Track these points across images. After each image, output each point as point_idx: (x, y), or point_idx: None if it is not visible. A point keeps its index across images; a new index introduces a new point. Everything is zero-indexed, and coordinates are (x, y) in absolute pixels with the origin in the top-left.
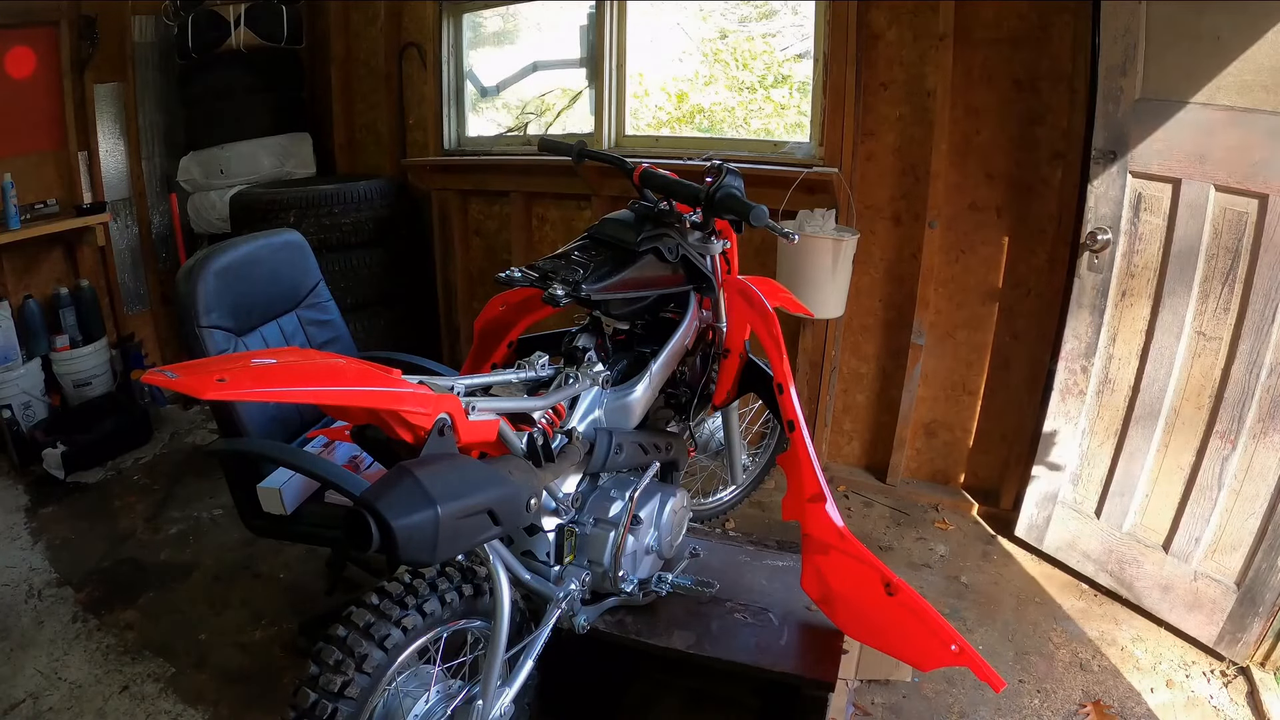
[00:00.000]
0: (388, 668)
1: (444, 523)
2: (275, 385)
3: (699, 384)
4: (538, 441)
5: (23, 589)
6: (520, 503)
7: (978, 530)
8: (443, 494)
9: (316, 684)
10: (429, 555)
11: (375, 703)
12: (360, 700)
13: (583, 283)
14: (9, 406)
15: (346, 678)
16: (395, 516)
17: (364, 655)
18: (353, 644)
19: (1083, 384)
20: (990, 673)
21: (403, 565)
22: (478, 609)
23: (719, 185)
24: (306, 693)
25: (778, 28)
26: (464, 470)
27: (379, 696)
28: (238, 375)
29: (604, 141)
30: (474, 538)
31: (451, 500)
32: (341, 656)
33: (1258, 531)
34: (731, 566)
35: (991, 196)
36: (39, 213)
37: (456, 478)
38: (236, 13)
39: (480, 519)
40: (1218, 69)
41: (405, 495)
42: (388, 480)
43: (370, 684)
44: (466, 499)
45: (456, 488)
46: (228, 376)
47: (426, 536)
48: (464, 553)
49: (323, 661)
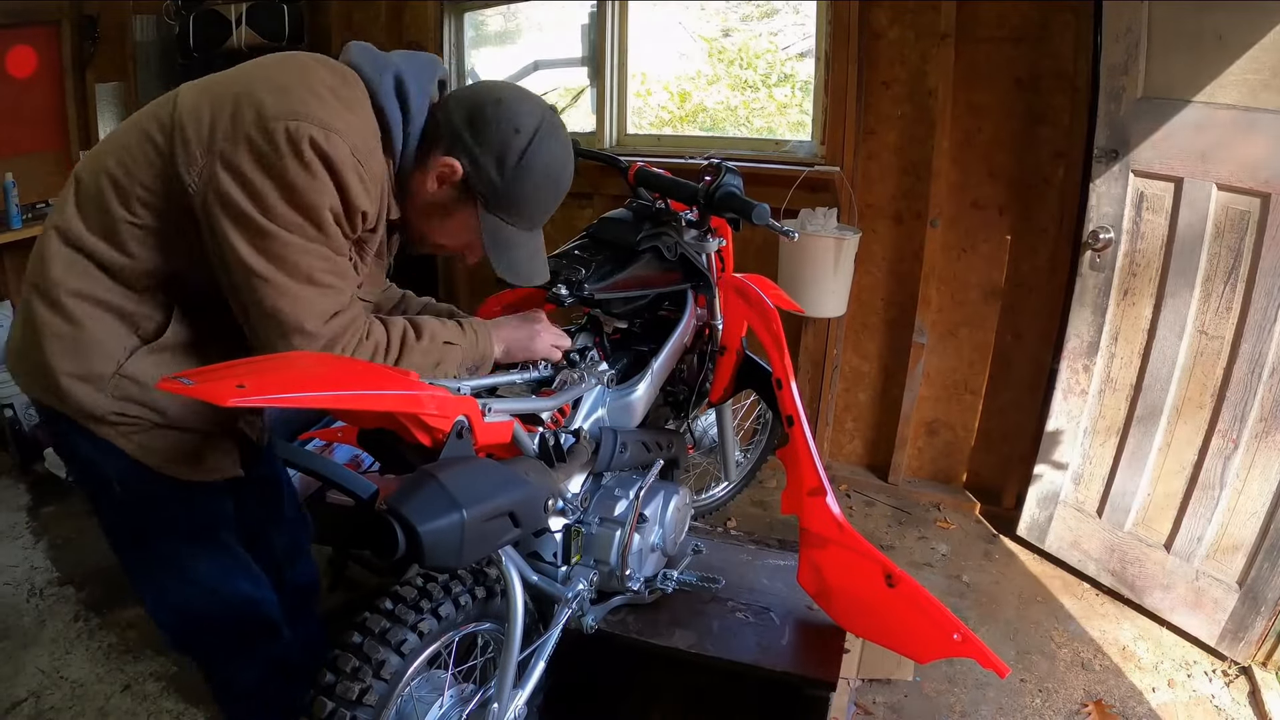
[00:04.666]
0: (404, 673)
1: (469, 527)
2: (296, 390)
3: (696, 381)
4: (549, 442)
5: (24, 588)
6: (540, 504)
7: (979, 529)
8: (468, 497)
9: (333, 692)
10: (455, 560)
11: (391, 709)
12: (377, 707)
13: (585, 282)
14: (11, 406)
15: (364, 685)
16: (422, 521)
17: (381, 661)
18: (369, 650)
19: (1085, 383)
20: (994, 659)
21: (420, 570)
22: (489, 612)
23: (719, 184)
24: (324, 701)
25: (780, 26)
26: (486, 473)
27: (394, 703)
28: (257, 381)
29: (606, 140)
30: (496, 541)
31: (476, 504)
32: (358, 664)
33: (1260, 531)
34: (733, 565)
35: (993, 195)
36: (40, 212)
37: (479, 481)
38: (238, 12)
39: (502, 522)
40: (1220, 68)
41: (431, 500)
42: (412, 485)
43: (387, 690)
44: (490, 502)
45: (480, 491)
46: (247, 383)
47: (453, 541)
48: (483, 557)
49: (339, 669)
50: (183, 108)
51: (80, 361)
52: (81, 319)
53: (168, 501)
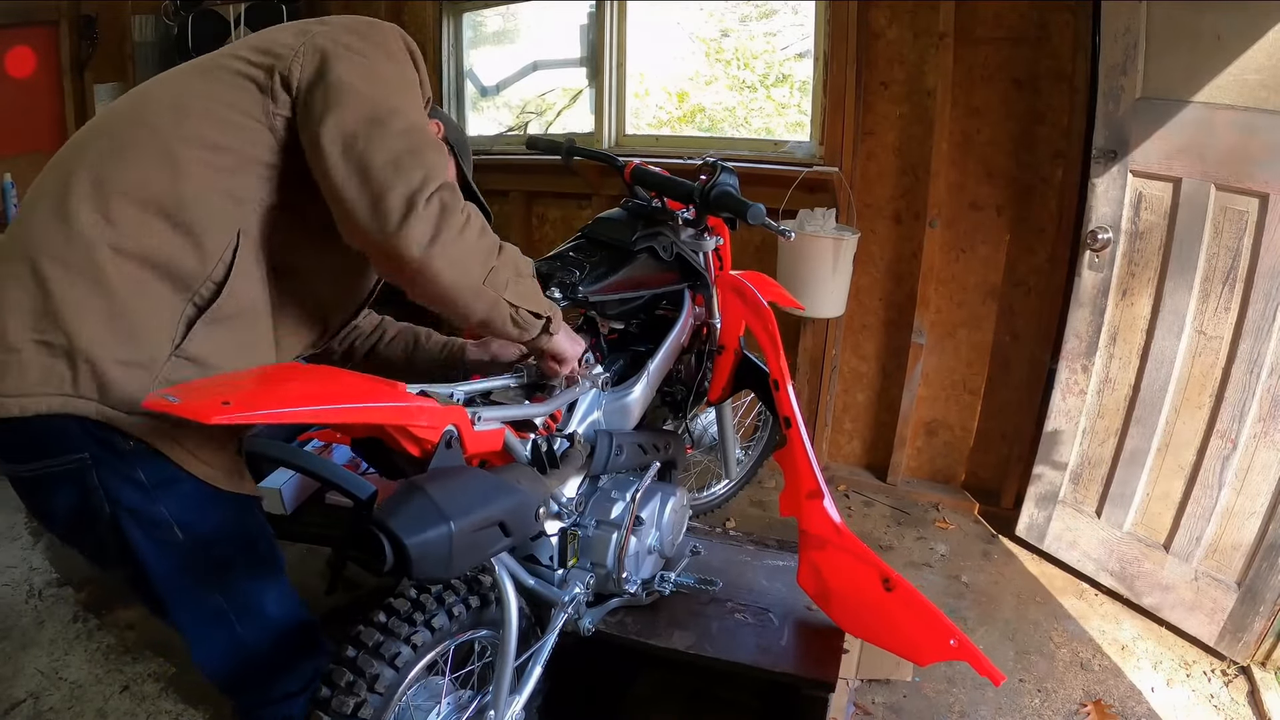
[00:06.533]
0: (399, 685)
1: (458, 538)
2: (281, 406)
3: (694, 381)
4: (542, 448)
5: (23, 589)
6: (530, 511)
7: (978, 529)
8: (455, 509)
9: (329, 707)
10: (443, 571)
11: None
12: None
13: (580, 284)
14: None
15: (359, 699)
16: (408, 535)
17: (375, 675)
18: (363, 664)
19: (1083, 383)
20: (989, 666)
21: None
22: (484, 619)
23: (714, 183)
24: (319, 715)
25: (778, 27)
26: (474, 483)
27: (390, 713)
28: (242, 397)
29: (604, 141)
30: (486, 551)
31: (464, 515)
32: (353, 678)
33: (1259, 531)
34: (732, 566)
35: (992, 195)
36: None
37: (467, 491)
38: (236, 12)
39: (492, 531)
40: (1218, 68)
41: (418, 512)
42: (398, 497)
43: (382, 703)
44: (478, 512)
45: (468, 501)
46: (232, 399)
47: (441, 553)
48: (475, 566)
49: (334, 684)
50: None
51: (129, 342)
52: (123, 287)
53: (233, 528)
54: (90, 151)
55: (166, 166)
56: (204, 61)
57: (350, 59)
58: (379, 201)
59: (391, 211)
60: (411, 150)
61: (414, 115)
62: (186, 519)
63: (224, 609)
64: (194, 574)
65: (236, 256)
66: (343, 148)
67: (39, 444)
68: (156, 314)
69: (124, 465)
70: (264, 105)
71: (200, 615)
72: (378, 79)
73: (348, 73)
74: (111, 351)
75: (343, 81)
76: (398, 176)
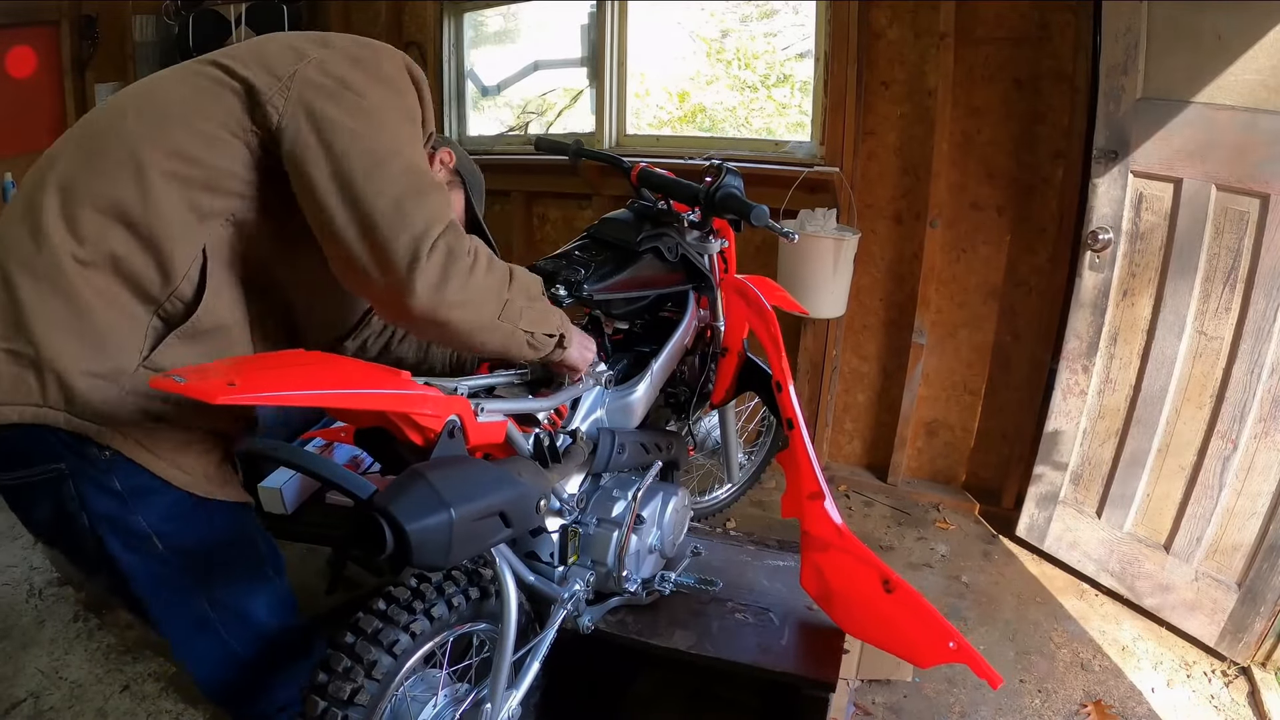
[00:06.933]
0: (396, 673)
1: (458, 526)
2: (288, 389)
3: (698, 383)
4: (544, 442)
5: (23, 588)
6: (531, 504)
7: (979, 530)
8: (456, 497)
9: (325, 691)
10: (443, 559)
11: (383, 708)
12: (370, 707)
13: (584, 283)
14: None
15: (356, 684)
16: (409, 520)
17: (373, 662)
18: (361, 651)
19: (1084, 383)
20: (988, 669)
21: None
22: (483, 612)
23: (719, 185)
24: (315, 700)
25: (779, 27)
26: (476, 472)
27: (387, 702)
28: (249, 379)
29: (605, 141)
30: (486, 540)
31: (465, 503)
32: (350, 664)
33: (1259, 532)
34: (732, 566)
35: (992, 196)
36: None
37: (469, 480)
38: (237, 12)
39: (493, 521)
40: (1219, 68)
41: (419, 499)
42: (400, 484)
43: (379, 690)
44: (479, 501)
45: (469, 490)
46: (238, 380)
47: (441, 540)
48: (474, 556)
49: (331, 669)
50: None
51: (96, 352)
52: (89, 298)
53: (221, 536)
54: (61, 160)
55: (133, 177)
56: (188, 67)
57: (344, 97)
58: (382, 250)
59: (397, 262)
60: (412, 193)
61: (413, 155)
62: (165, 529)
63: (210, 618)
64: (177, 584)
65: (207, 274)
66: (339, 190)
67: (17, 454)
68: (123, 325)
69: (100, 475)
70: (241, 121)
71: (187, 625)
72: (374, 117)
73: (342, 112)
74: (78, 362)
75: (337, 122)
76: (400, 223)
